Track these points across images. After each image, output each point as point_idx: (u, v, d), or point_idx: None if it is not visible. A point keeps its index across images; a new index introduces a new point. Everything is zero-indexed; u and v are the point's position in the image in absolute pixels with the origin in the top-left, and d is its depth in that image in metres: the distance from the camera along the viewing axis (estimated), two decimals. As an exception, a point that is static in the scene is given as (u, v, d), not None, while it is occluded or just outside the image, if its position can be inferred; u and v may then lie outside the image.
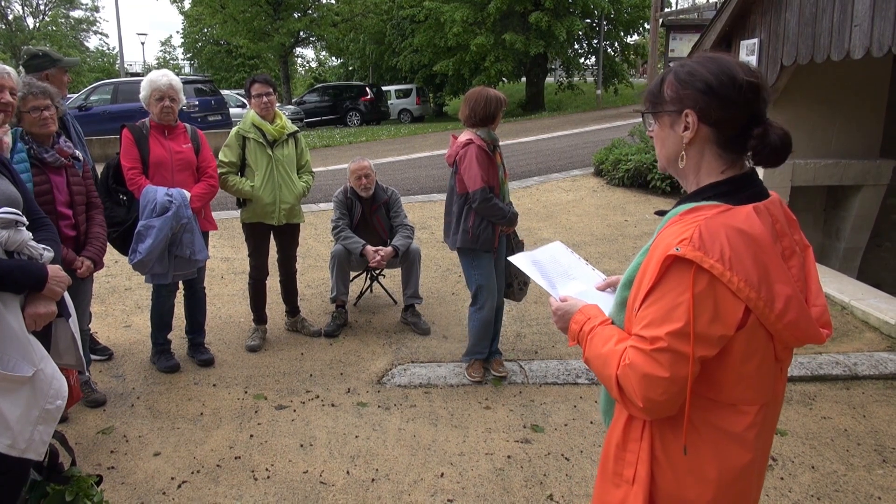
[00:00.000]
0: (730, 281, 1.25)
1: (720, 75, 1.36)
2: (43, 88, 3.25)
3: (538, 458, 3.32)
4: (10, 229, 2.16)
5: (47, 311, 2.23)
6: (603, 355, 1.40)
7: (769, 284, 1.28)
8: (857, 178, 6.78)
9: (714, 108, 1.37)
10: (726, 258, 1.25)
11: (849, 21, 5.15)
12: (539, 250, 1.83)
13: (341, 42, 32.33)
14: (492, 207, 3.81)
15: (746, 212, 1.32)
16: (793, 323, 1.32)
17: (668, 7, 15.73)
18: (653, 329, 1.30)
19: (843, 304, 5.30)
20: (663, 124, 1.46)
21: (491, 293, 4.03)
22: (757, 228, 1.30)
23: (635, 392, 1.32)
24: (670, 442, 1.39)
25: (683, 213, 1.38)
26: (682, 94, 1.40)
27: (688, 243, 1.27)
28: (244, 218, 4.52)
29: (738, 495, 1.41)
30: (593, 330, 1.47)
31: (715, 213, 1.32)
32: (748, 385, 1.36)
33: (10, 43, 40.07)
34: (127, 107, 14.44)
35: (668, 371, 1.28)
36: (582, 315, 1.53)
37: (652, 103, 1.48)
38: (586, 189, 9.37)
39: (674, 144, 1.45)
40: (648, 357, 1.30)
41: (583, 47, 29.93)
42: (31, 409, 2.12)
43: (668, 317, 1.28)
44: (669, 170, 1.52)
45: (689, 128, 1.40)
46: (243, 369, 4.29)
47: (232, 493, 3.01)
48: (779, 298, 1.29)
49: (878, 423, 3.68)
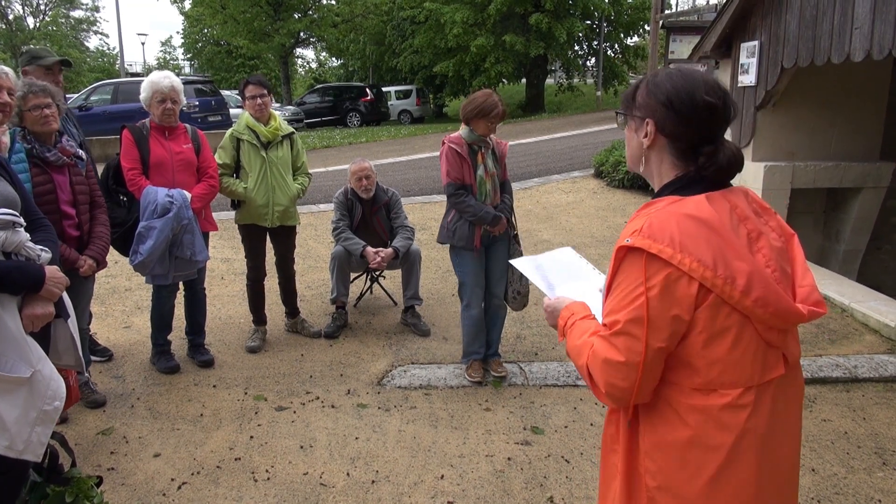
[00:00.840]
0: (681, 262, 1.31)
1: (681, 92, 1.43)
2: (43, 86, 3.25)
3: (538, 460, 3.31)
4: (8, 230, 2.16)
5: (45, 313, 2.23)
6: (577, 346, 1.47)
7: (726, 262, 1.33)
8: (857, 180, 6.78)
9: (669, 122, 1.45)
10: (676, 242, 1.32)
11: (849, 23, 5.15)
12: (545, 255, 1.86)
13: (341, 43, 32.33)
14: (460, 203, 3.91)
15: (696, 200, 1.39)
16: (761, 299, 1.34)
17: (669, 9, 15.73)
18: (611, 316, 1.38)
19: (843, 306, 5.30)
20: (631, 127, 1.56)
21: (475, 291, 4.08)
22: (706, 212, 1.37)
23: (599, 378, 1.39)
24: (649, 431, 1.44)
25: (639, 209, 1.48)
26: (647, 102, 1.49)
27: (637, 234, 1.36)
28: (238, 219, 4.53)
29: (739, 485, 1.38)
30: (574, 324, 1.54)
31: (665, 204, 1.41)
32: (724, 368, 1.37)
33: (11, 43, 40.08)
34: (127, 107, 14.43)
35: (624, 355, 1.34)
36: (567, 311, 1.60)
37: (625, 105, 1.58)
38: (586, 190, 9.37)
39: (636, 147, 1.55)
40: (607, 342, 1.37)
41: (583, 49, 29.94)
42: (28, 411, 2.12)
43: (623, 303, 1.36)
44: (634, 169, 1.62)
45: (647, 135, 1.49)
46: (243, 370, 4.28)
47: (232, 494, 3.01)
48: (740, 275, 1.33)
49: (878, 426, 3.68)
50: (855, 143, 6.84)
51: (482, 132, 3.87)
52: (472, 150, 3.94)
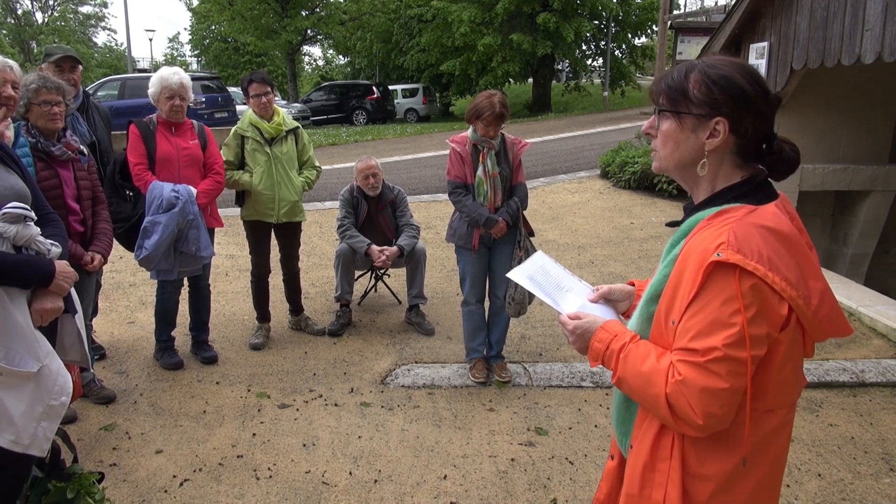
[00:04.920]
0: (773, 281, 1.21)
1: (756, 85, 1.30)
2: (57, 84, 3.25)
3: (542, 461, 3.30)
4: (19, 224, 2.15)
5: (54, 307, 2.23)
6: (644, 374, 1.31)
7: (805, 280, 1.26)
8: (866, 183, 6.74)
9: (748, 119, 1.31)
10: (765, 259, 1.22)
11: (860, 25, 5.11)
12: (528, 263, 1.74)
13: (348, 40, 32.33)
14: (457, 203, 3.98)
15: (772, 210, 1.29)
16: (827, 318, 1.29)
17: (677, 9, 15.67)
18: (703, 340, 1.23)
19: (850, 310, 5.27)
20: (684, 126, 1.36)
21: (472, 289, 4.10)
22: (785, 225, 1.27)
23: (692, 409, 1.24)
24: (707, 456, 1.33)
25: (710, 217, 1.33)
26: (713, 97, 1.31)
27: (727, 247, 1.22)
28: (244, 215, 4.52)
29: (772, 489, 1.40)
30: (624, 347, 1.38)
31: (743, 213, 1.28)
32: (785, 387, 1.33)
33: (19, 38, 40.27)
34: (134, 102, 14.48)
35: (728, 381, 1.22)
36: (606, 333, 1.43)
37: (673, 101, 1.36)
38: (592, 191, 9.34)
39: (692, 150, 1.37)
40: (703, 370, 1.23)
41: (590, 49, 29.88)
42: (35, 405, 2.11)
43: (718, 324, 1.22)
44: (675, 173, 1.44)
45: (716, 136, 1.33)
46: (247, 367, 4.28)
47: (234, 492, 3.00)
48: (814, 294, 1.27)
49: (885, 431, 3.65)
50: (864, 145, 6.79)
51: (482, 133, 3.85)
52: (476, 150, 3.93)
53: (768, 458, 1.36)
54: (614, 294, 1.65)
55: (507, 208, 3.97)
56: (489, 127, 3.81)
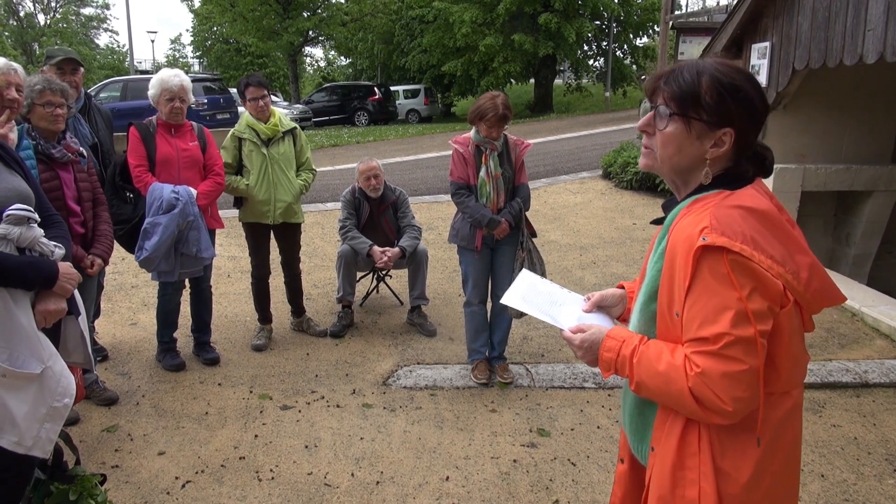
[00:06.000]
0: (760, 261, 1.23)
1: (763, 100, 1.31)
2: (62, 87, 3.26)
3: (544, 462, 3.29)
4: (23, 226, 2.15)
5: (57, 309, 2.23)
6: (662, 373, 1.30)
7: (791, 256, 1.27)
8: (869, 183, 6.71)
9: (752, 132, 1.33)
10: (749, 239, 1.24)
11: (862, 25, 5.09)
12: (517, 284, 1.74)
13: (350, 41, 32.36)
14: (460, 204, 3.99)
15: (749, 192, 1.31)
16: (819, 290, 1.30)
17: (679, 10, 15.63)
18: (710, 327, 1.24)
19: (853, 310, 5.25)
20: (689, 132, 1.34)
21: (474, 290, 4.10)
22: (764, 204, 1.29)
23: (719, 397, 1.24)
24: (730, 447, 1.33)
25: (689, 205, 1.35)
26: (724, 107, 1.30)
27: (710, 231, 1.24)
28: (242, 217, 4.54)
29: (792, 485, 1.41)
30: (636, 351, 1.37)
31: (721, 198, 1.31)
32: (795, 365, 1.34)
33: (21, 39, 40.34)
34: (136, 104, 14.49)
35: (746, 362, 1.23)
36: (613, 341, 1.42)
37: (683, 104, 1.33)
38: (594, 191, 9.33)
39: (693, 156, 1.36)
40: (719, 357, 1.24)
41: (592, 49, 29.86)
42: (38, 407, 2.11)
43: (719, 309, 1.24)
44: (667, 174, 1.43)
45: (721, 146, 1.33)
46: (248, 369, 4.28)
47: (236, 493, 3.00)
48: (802, 268, 1.28)
49: (888, 432, 3.64)
50: (866, 145, 6.77)
51: (484, 134, 3.85)
52: (479, 151, 3.93)
53: (788, 438, 1.37)
54: (607, 300, 1.66)
55: (510, 209, 3.96)
56: (492, 128, 3.80)
